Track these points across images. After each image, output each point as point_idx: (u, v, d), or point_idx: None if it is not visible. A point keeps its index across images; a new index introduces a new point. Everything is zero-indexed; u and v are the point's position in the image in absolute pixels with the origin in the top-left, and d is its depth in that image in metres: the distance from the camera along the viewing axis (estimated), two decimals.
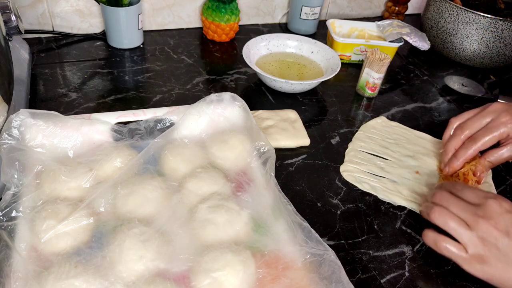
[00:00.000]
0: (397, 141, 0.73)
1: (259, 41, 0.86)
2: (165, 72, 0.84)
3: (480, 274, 0.50)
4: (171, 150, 0.58)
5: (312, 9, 0.99)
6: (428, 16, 1.00)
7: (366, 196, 0.63)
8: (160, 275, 0.46)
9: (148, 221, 0.50)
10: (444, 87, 0.90)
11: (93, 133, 0.59)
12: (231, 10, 0.92)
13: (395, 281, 0.52)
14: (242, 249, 0.48)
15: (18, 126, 0.55)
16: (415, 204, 0.61)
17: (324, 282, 0.46)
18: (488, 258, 0.49)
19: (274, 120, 0.72)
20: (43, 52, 0.86)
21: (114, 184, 0.53)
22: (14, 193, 0.51)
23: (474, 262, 0.50)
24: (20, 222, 0.48)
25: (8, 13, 0.68)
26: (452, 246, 0.51)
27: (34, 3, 0.86)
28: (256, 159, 0.59)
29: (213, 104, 0.63)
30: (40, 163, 0.54)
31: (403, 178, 0.65)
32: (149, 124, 0.61)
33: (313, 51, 0.88)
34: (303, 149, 0.70)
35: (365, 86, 0.82)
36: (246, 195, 0.55)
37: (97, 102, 0.75)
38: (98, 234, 0.49)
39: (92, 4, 0.89)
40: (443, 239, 0.52)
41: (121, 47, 0.89)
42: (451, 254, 0.51)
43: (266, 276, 0.46)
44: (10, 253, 0.44)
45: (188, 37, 0.97)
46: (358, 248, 0.56)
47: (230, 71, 0.87)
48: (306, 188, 0.63)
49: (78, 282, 0.43)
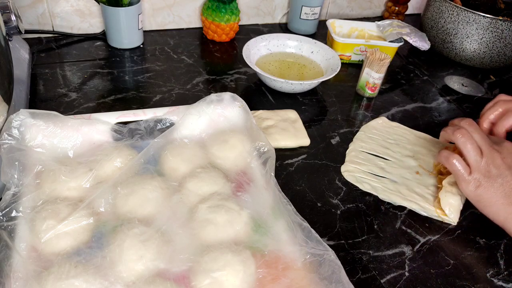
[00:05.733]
0: (397, 141, 0.73)
1: (259, 41, 0.86)
2: (165, 72, 0.84)
3: (472, 195, 0.57)
4: (171, 150, 0.58)
5: (312, 9, 0.99)
6: (428, 16, 1.00)
7: (366, 196, 0.63)
8: (160, 275, 0.46)
9: (148, 221, 0.50)
10: (444, 87, 0.90)
11: (93, 133, 0.59)
12: (231, 10, 0.92)
13: (395, 281, 0.52)
14: (242, 249, 0.48)
15: (18, 126, 0.55)
16: (415, 204, 0.61)
17: (324, 282, 0.46)
18: (485, 183, 0.56)
19: (274, 120, 0.72)
20: (43, 52, 0.86)
21: (114, 184, 0.53)
22: (14, 193, 0.50)
23: (471, 184, 0.56)
24: (20, 222, 0.48)
25: (8, 13, 0.68)
26: (460, 164, 0.57)
27: (34, 3, 0.86)
28: (256, 159, 0.59)
29: (213, 104, 0.63)
30: (40, 163, 0.54)
31: (403, 178, 0.65)
32: (149, 124, 0.61)
33: (313, 51, 0.88)
34: (303, 149, 0.70)
35: (365, 86, 0.82)
36: (246, 195, 0.55)
37: (97, 102, 0.75)
38: (98, 234, 0.49)
39: (92, 4, 0.89)
40: (455, 156, 0.58)
41: (121, 47, 0.89)
42: (456, 171, 0.58)
43: (266, 276, 0.46)
44: (10, 253, 0.44)
45: (188, 37, 0.97)
46: (358, 248, 0.56)
47: (230, 71, 0.87)
48: (306, 188, 0.63)
49: (78, 282, 0.43)
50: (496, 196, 0.55)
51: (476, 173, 0.56)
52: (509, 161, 0.55)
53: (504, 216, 0.55)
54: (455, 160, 0.58)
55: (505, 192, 0.55)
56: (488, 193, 0.55)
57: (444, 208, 0.60)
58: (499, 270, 0.55)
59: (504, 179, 0.55)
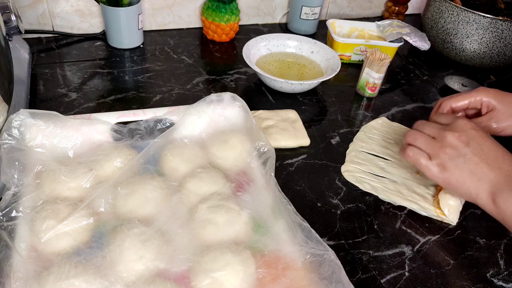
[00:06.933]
0: (397, 141, 0.73)
1: (259, 41, 0.86)
2: (165, 72, 0.84)
3: (440, 180, 0.56)
4: (171, 150, 0.58)
5: (312, 9, 0.99)
6: (428, 16, 1.00)
7: (366, 196, 0.63)
8: (160, 275, 0.46)
9: (148, 221, 0.50)
10: (444, 87, 0.90)
11: (93, 133, 0.59)
12: (231, 10, 0.92)
13: (395, 281, 0.52)
14: (242, 249, 0.48)
15: (18, 126, 0.55)
16: (415, 204, 0.61)
17: (324, 282, 0.46)
18: (448, 165, 0.55)
19: (274, 120, 0.72)
20: (43, 52, 0.86)
21: (114, 184, 0.53)
22: (14, 193, 0.50)
23: (434, 170, 0.56)
24: (20, 222, 0.48)
25: (8, 13, 0.68)
26: (415, 153, 0.57)
27: (34, 3, 0.86)
28: (256, 159, 0.59)
29: (213, 104, 0.63)
30: (40, 163, 0.54)
31: (403, 178, 0.65)
32: (149, 124, 0.61)
33: (313, 51, 0.88)
34: (303, 149, 0.70)
35: (365, 86, 0.82)
36: (246, 195, 0.55)
37: (97, 102, 0.75)
38: (98, 234, 0.49)
39: (92, 4, 0.89)
40: (410, 147, 0.58)
41: (121, 47, 0.89)
42: (414, 160, 0.57)
43: (266, 276, 0.46)
44: (10, 253, 0.44)
45: (188, 37, 0.97)
46: (358, 248, 0.56)
47: (230, 71, 0.87)
48: (306, 188, 0.63)
49: (78, 282, 0.43)
50: (462, 175, 0.54)
51: (435, 158, 0.55)
52: (464, 138, 0.54)
53: (475, 192, 0.54)
54: (411, 151, 0.57)
55: (470, 169, 0.54)
56: (454, 175, 0.54)
57: (444, 209, 0.60)
58: (499, 270, 0.55)
59: (464, 157, 0.54)
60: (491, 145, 0.54)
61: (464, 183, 0.54)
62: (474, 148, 0.54)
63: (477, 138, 0.55)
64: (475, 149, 0.54)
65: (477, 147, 0.54)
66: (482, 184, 0.53)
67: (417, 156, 0.57)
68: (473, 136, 0.55)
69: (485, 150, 0.54)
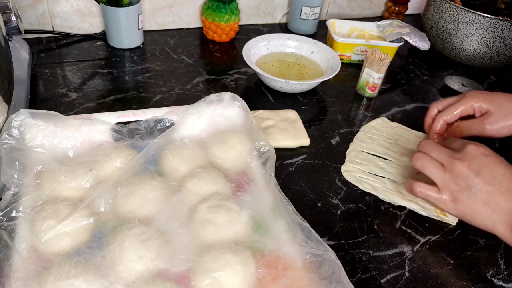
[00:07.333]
0: (397, 141, 0.73)
1: (259, 41, 0.86)
2: (165, 72, 0.84)
3: (454, 212, 0.54)
4: (171, 150, 0.58)
5: (312, 9, 0.99)
6: (428, 16, 1.00)
7: (366, 196, 0.63)
8: (160, 275, 0.46)
9: (148, 221, 0.50)
10: (444, 87, 0.90)
11: (93, 133, 0.59)
12: (231, 10, 0.92)
13: (395, 281, 0.52)
14: (242, 249, 0.48)
15: (18, 126, 0.55)
16: (415, 204, 0.61)
17: (324, 282, 0.46)
18: (460, 197, 0.53)
19: (274, 120, 0.72)
20: (43, 52, 0.86)
21: (114, 184, 0.53)
22: (14, 193, 0.50)
23: (447, 202, 0.54)
24: (20, 222, 0.48)
25: (8, 13, 0.68)
26: (425, 189, 0.55)
27: (34, 3, 0.86)
28: (256, 159, 0.59)
29: (213, 104, 0.63)
30: (40, 163, 0.54)
31: (403, 178, 0.65)
32: (149, 124, 0.61)
33: (313, 51, 0.88)
34: (303, 149, 0.70)
35: (365, 86, 0.82)
36: (246, 195, 0.55)
37: (97, 102, 0.75)
38: (98, 234, 0.49)
39: (92, 4, 0.89)
40: (417, 183, 0.56)
41: (121, 47, 0.89)
42: (426, 196, 0.56)
43: (266, 276, 0.46)
44: (10, 253, 0.44)
45: (188, 37, 0.97)
46: (358, 248, 0.56)
47: (230, 71, 0.87)
48: (306, 188, 0.63)
49: (78, 282, 0.43)
50: (476, 206, 0.52)
51: (446, 190, 0.54)
52: (475, 166, 0.52)
53: (491, 224, 0.52)
54: (419, 187, 0.56)
55: (483, 200, 0.51)
56: (468, 205, 0.52)
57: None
58: (499, 270, 0.55)
59: (476, 187, 0.51)
60: (504, 172, 0.51)
61: (479, 215, 0.52)
62: (486, 177, 0.51)
63: (489, 165, 0.52)
64: (487, 178, 0.51)
65: (489, 175, 0.51)
66: (498, 216, 0.51)
67: (427, 192, 0.55)
68: (484, 164, 0.52)
69: (498, 178, 0.51)
